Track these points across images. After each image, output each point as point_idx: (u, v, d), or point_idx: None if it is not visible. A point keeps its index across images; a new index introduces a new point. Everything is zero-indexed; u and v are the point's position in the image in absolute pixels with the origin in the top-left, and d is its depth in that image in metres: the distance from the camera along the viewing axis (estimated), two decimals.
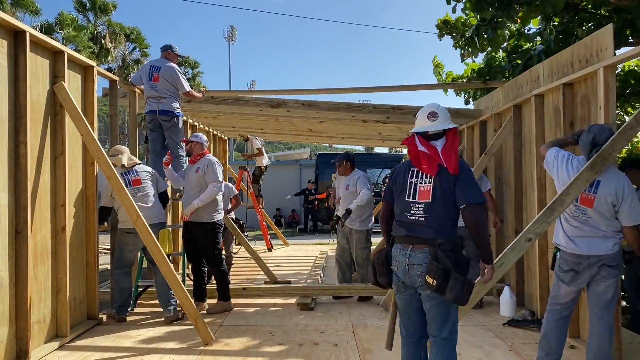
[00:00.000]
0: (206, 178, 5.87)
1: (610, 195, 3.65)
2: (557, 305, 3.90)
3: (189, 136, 8.61)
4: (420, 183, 3.19)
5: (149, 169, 6.05)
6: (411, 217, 3.18)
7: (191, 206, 5.78)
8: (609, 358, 3.72)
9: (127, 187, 5.39)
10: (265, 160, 12.14)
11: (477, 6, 6.27)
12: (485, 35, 6.60)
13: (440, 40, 7.73)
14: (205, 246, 5.94)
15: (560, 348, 3.84)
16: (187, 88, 6.70)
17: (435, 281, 2.97)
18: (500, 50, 8.04)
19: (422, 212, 3.14)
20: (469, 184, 3.10)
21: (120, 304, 5.69)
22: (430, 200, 3.13)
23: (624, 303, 5.65)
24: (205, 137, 6.17)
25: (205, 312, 5.88)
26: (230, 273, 8.65)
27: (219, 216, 6.04)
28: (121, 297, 5.69)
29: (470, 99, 9.33)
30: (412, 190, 3.21)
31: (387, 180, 13.26)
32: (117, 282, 5.72)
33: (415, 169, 3.24)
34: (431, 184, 3.15)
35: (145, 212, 5.49)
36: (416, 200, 3.17)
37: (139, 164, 6.01)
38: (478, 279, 3.40)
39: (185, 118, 7.87)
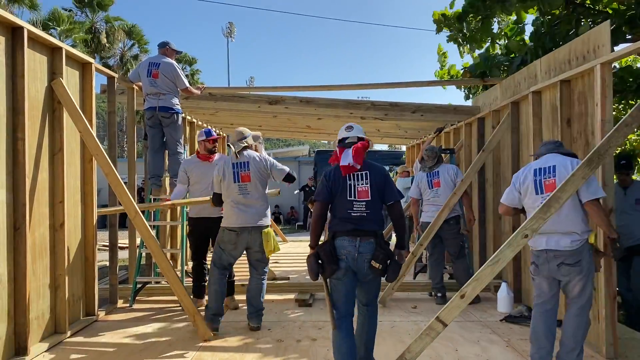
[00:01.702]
0: None
1: (567, 173, 3.76)
2: (540, 299, 4.00)
3: (187, 133, 8.64)
4: (358, 184, 3.80)
5: (258, 158, 5.30)
6: (355, 214, 3.77)
7: None
8: (577, 355, 3.81)
9: (234, 182, 5.10)
10: None
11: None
12: (477, 27, 6.62)
13: (438, 34, 7.74)
14: None
15: (550, 342, 3.89)
16: (186, 84, 6.71)
17: (380, 266, 3.68)
18: (497, 45, 8.05)
19: (364, 209, 3.77)
20: (393, 185, 3.86)
21: (215, 312, 5.10)
22: (369, 199, 3.77)
23: (619, 299, 5.68)
24: None
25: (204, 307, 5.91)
26: None
27: None
28: (215, 302, 5.10)
29: (471, 95, 9.36)
30: (352, 190, 3.80)
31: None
32: (212, 285, 5.16)
33: (351, 174, 3.84)
34: (368, 185, 3.79)
35: (246, 215, 5.10)
36: (357, 199, 3.78)
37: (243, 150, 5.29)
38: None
39: (183, 115, 7.87)
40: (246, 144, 5.29)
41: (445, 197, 6.32)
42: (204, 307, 5.86)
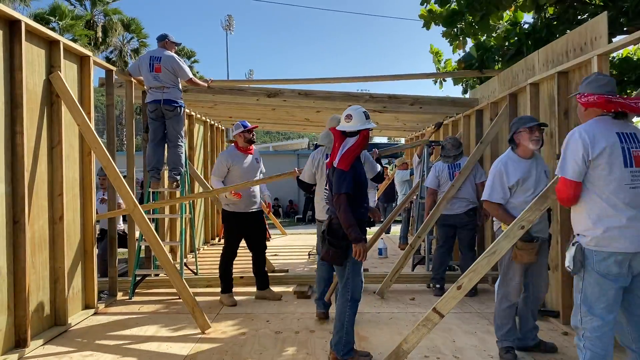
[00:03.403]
0: (262, 168, 6.30)
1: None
2: None
3: (186, 126, 8.64)
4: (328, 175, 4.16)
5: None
6: (327, 202, 4.33)
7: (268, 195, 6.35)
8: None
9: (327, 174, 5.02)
10: None
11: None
12: (474, 25, 6.62)
13: (428, 29, 7.74)
14: (262, 233, 6.21)
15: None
16: (190, 75, 6.69)
17: (321, 245, 4.10)
18: (493, 37, 8.06)
19: (327, 197, 4.27)
20: (337, 177, 3.88)
21: (319, 296, 5.27)
22: (329, 189, 4.10)
23: None
24: None
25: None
26: None
27: None
28: (319, 287, 5.27)
29: (469, 89, 9.36)
30: (327, 181, 4.26)
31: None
32: (317, 271, 5.33)
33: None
34: (328, 177, 4.14)
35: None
36: (326, 188, 4.25)
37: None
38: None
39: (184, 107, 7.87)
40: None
41: (466, 190, 6.30)
42: (228, 301, 5.90)
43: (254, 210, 6.05)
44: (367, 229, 4.22)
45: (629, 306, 3.06)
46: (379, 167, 5.20)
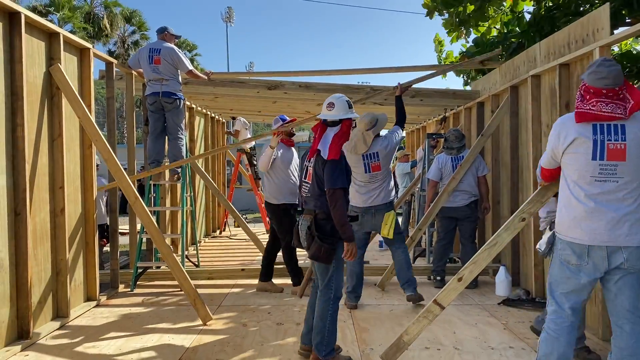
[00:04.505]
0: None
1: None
2: None
3: (187, 118, 8.63)
4: (309, 166, 3.87)
5: (381, 142, 5.49)
6: (304, 194, 3.90)
7: None
8: None
9: (365, 172, 5.40)
10: (248, 144, 11.54)
11: None
12: (474, 11, 6.60)
13: (431, 18, 7.73)
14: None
15: None
16: (190, 67, 6.68)
17: (306, 242, 3.77)
18: (495, 29, 8.03)
19: (307, 190, 3.85)
20: (331, 171, 3.62)
21: (351, 289, 5.50)
22: (311, 182, 3.82)
23: None
24: None
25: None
26: (230, 255, 8.74)
27: None
28: (351, 281, 5.50)
29: (469, 81, 9.33)
30: (305, 172, 3.92)
31: None
32: (347, 265, 5.51)
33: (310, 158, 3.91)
34: (312, 169, 3.81)
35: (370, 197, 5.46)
36: (306, 180, 3.88)
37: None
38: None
39: (184, 100, 7.86)
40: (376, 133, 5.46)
41: (467, 183, 6.30)
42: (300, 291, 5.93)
43: (293, 202, 6.02)
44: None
45: (607, 301, 3.05)
46: (398, 132, 5.59)
